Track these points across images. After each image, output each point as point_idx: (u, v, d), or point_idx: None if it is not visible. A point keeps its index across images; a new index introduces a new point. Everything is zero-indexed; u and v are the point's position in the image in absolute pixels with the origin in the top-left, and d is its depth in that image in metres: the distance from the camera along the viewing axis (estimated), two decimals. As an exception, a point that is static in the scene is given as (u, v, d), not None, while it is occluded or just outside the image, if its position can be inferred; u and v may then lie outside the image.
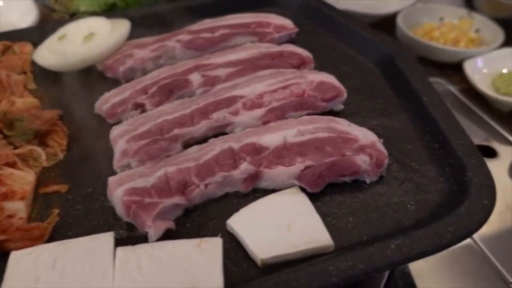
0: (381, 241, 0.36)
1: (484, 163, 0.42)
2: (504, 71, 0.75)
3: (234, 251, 0.39)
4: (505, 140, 0.66)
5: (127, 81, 0.57)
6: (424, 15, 0.92)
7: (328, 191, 0.43)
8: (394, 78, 0.56)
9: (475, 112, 0.71)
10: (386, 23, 0.88)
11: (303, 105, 0.50)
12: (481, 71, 0.75)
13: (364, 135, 0.46)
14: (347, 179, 0.43)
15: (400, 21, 0.86)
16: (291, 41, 0.65)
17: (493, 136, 0.67)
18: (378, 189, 0.43)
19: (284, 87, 0.52)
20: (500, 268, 0.50)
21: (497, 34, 0.83)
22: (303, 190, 0.42)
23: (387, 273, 0.48)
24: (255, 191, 0.44)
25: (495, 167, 0.62)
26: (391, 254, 0.35)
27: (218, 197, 0.43)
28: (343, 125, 0.47)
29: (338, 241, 0.38)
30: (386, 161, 0.44)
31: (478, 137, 0.66)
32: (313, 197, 0.42)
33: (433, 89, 0.51)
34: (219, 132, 0.50)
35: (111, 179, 0.42)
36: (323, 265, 0.34)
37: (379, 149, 0.44)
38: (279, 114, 0.50)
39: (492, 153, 0.64)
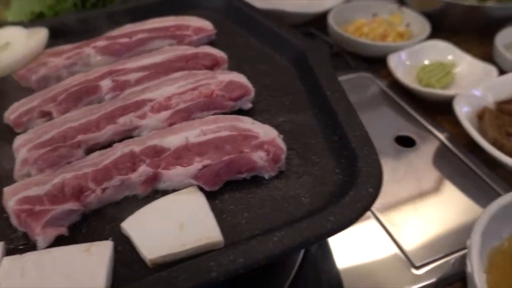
0: (266, 234, 0.37)
1: (375, 153, 0.43)
2: (426, 62, 0.77)
3: (128, 253, 0.39)
4: (426, 130, 0.68)
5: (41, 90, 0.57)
6: (357, 11, 0.94)
7: (227, 188, 0.44)
8: (305, 76, 0.57)
9: (400, 104, 0.73)
10: (323, 21, 0.90)
11: (210, 105, 0.51)
12: (405, 63, 0.77)
13: (265, 132, 0.46)
14: (245, 175, 0.44)
15: (331, 19, 0.87)
16: (210, 42, 0.65)
17: (416, 126, 0.68)
18: (277, 183, 0.44)
19: (194, 88, 0.52)
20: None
21: (425, 27, 0.86)
22: (202, 189, 0.43)
23: (294, 270, 0.49)
24: (155, 193, 0.44)
25: (415, 156, 0.64)
26: (272, 246, 0.35)
27: (118, 200, 0.44)
28: (246, 123, 0.48)
29: (230, 237, 0.39)
30: (283, 156, 0.44)
31: (401, 128, 0.68)
32: (211, 195, 0.43)
33: (338, 84, 0.52)
34: (127, 136, 0.50)
35: (6, 189, 0.42)
36: (205, 261, 0.35)
37: (277, 145, 0.45)
38: (185, 115, 0.50)
39: (411, 143, 0.66)
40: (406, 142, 0.66)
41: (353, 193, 0.39)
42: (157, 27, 0.65)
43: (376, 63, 0.83)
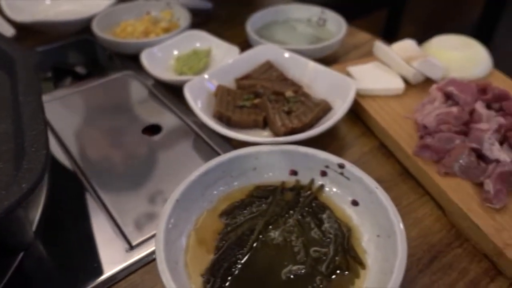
0: None
1: (44, 149, 0.44)
2: (175, 53, 0.82)
3: None
4: (176, 116, 0.72)
5: None
6: (127, 13, 0.96)
7: None
8: (13, 83, 0.57)
9: (157, 96, 0.76)
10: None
11: None
12: (158, 57, 0.80)
13: None
14: None
15: (94, 24, 0.88)
16: None
17: (166, 114, 0.72)
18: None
19: None
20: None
21: (187, 20, 0.91)
22: None
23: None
24: None
25: (159, 140, 0.67)
26: None
27: None
28: None
29: None
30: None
31: (152, 118, 0.71)
32: None
33: (35, 88, 0.53)
34: None
35: None
36: None
37: None
38: None
39: (159, 130, 0.69)
40: (154, 131, 0.69)
41: (5, 192, 0.40)
42: None
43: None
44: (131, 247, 0.52)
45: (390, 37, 2.27)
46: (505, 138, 0.55)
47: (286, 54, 0.76)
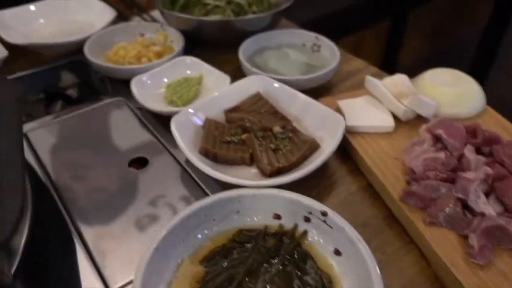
0: None
1: (18, 201, 0.44)
2: (165, 80, 0.81)
3: None
4: (161, 146, 0.71)
5: None
6: (120, 34, 0.95)
7: None
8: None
9: (146, 125, 0.75)
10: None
11: None
12: (148, 84, 0.79)
13: None
14: None
15: (86, 47, 0.87)
16: None
17: (153, 145, 0.71)
18: None
19: None
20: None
21: (180, 43, 0.90)
22: None
23: None
24: None
25: (146, 175, 0.66)
26: None
27: None
28: None
29: None
30: None
31: (139, 150, 0.70)
32: None
33: (15, 126, 0.53)
34: None
35: None
36: None
37: None
38: None
39: (145, 162, 0.68)
40: (141, 163, 0.68)
41: (-23, 246, 0.40)
42: None
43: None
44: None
45: (395, 48, 2.25)
46: (493, 189, 0.54)
47: (276, 85, 0.75)
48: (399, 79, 0.72)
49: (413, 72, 0.78)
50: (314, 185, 0.64)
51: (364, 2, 2.04)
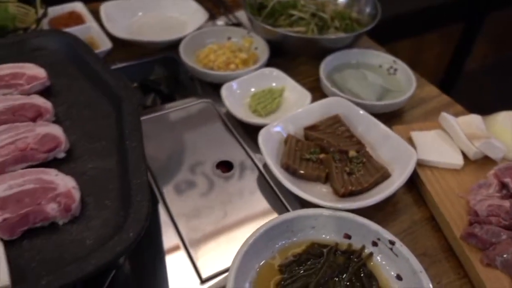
0: (46, 276, 0.47)
1: (146, 200, 0.54)
2: (253, 90, 0.89)
3: None
4: (244, 153, 0.79)
5: None
6: (211, 36, 1.03)
7: (26, 235, 0.53)
8: (119, 122, 0.66)
9: (231, 130, 0.84)
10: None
11: (24, 159, 0.59)
12: (236, 92, 0.88)
13: (64, 183, 0.56)
14: (40, 224, 0.53)
15: (181, 47, 0.96)
16: (46, 88, 0.73)
17: (233, 150, 0.80)
18: (69, 228, 0.54)
19: (12, 143, 0.60)
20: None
21: (265, 53, 0.97)
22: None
23: None
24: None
25: (231, 178, 0.75)
26: (38, 289, 0.45)
27: None
28: (51, 175, 0.57)
29: (20, 280, 0.48)
30: (74, 205, 0.54)
31: (225, 154, 0.79)
32: (12, 243, 0.52)
33: (138, 133, 0.62)
34: None
35: None
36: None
37: (71, 196, 0.55)
38: (1, 169, 0.58)
39: (231, 166, 0.77)
40: (226, 167, 0.77)
41: (117, 237, 0.50)
42: (-7, 76, 0.71)
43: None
44: (202, 281, 0.61)
45: (462, 53, 2.19)
46: (552, 242, 0.59)
47: (361, 112, 0.80)
48: (473, 119, 0.76)
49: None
50: (380, 208, 0.71)
51: (441, 2, 1.98)
